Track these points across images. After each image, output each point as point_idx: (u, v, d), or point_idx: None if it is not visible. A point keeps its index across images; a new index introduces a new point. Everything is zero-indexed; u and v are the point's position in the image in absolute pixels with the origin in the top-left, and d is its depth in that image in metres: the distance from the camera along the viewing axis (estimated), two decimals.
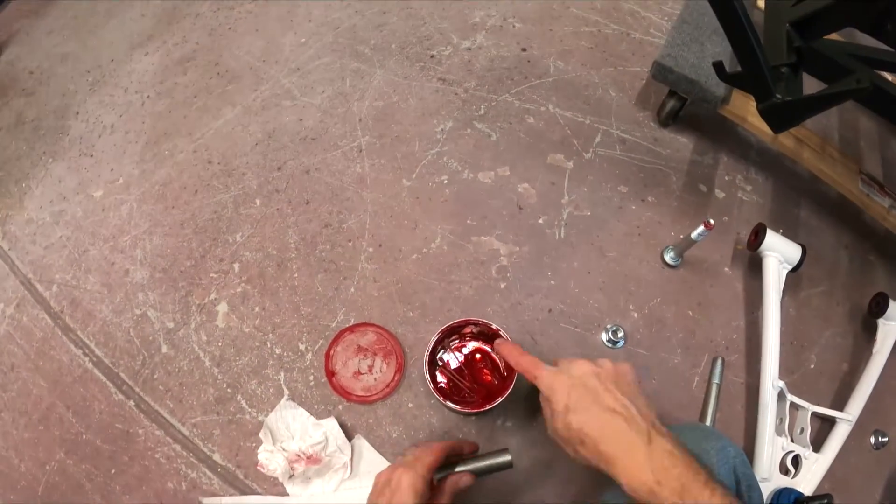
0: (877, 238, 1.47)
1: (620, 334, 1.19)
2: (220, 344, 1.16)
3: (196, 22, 1.72)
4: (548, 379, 0.69)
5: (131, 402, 1.13)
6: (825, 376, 1.26)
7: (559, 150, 1.42)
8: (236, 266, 1.24)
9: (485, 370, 1.11)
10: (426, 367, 1.04)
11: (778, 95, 1.15)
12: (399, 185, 1.33)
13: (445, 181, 1.34)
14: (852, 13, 1.09)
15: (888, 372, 1.26)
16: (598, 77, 1.59)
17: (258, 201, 1.32)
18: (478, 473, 0.85)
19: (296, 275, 1.22)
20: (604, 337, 1.20)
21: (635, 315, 1.23)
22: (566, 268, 1.26)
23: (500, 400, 1.00)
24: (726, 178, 1.47)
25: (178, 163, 1.40)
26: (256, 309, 1.19)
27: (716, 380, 1.20)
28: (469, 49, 1.60)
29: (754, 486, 0.78)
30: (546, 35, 1.66)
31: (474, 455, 0.88)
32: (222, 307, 1.20)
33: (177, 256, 1.27)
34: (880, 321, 1.30)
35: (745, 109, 1.40)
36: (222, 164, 1.38)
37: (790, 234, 1.36)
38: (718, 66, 1.19)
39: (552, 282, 1.24)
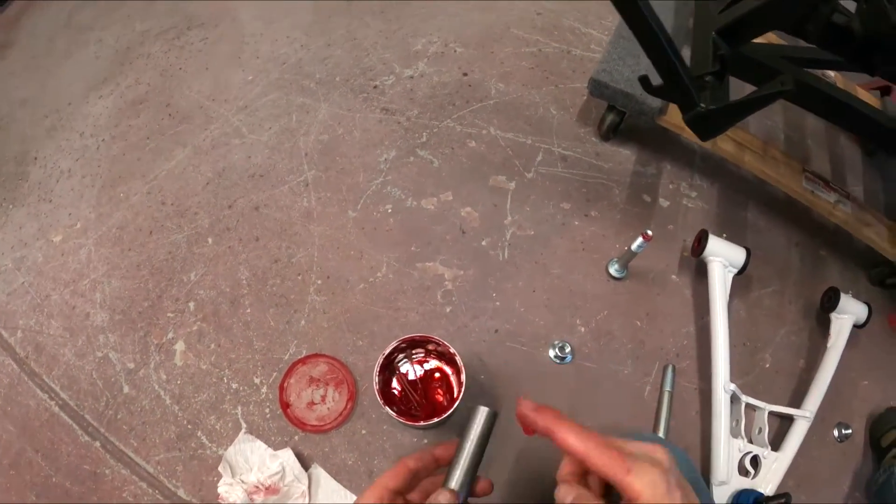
0: (827, 233, 1.50)
1: (567, 349, 1.22)
2: (178, 382, 1.19)
3: (148, 62, 1.74)
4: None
5: (97, 444, 1.15)
6: (782, 375, 1.28)
7: (501, 172, 1.46)
8: (191, 305, 1.27)
9: (439, 389, 1.14)
10: (377, 368, 1.05)
11: (702, 105, 1.17)
12: (345, 217, 1.36)
13: (390, 210, 1.37)
14: (774, 17, 1.12)
15: (847, 364, 1.28)
16: (539, 96, 1.63)
17: (210, 240, 1.34)
18: (480, 457, 0.60)
19: (248, 310, 1.25)
20: (551, 353, 1.22)
21: (582, 329, 1.26)
22: (511, 288, 1.29)
23: (435, 420, 1.02)
24: (670, 186, 1.50)
25: (133, 205, 1.42)
26: (212, 346, 1.22)
27: (667, 387, 1.21)
28: (411, 77, 1.63)
29: (701, 489, 0.77)
30: (487, 58, 1.70)
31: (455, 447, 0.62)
32: (179, 346, 1.23)
33: (134, 298, 1.29)
34: (833, 315, 1.32)
35: (680, 118, 1.44)
36: (175, 205, 1.41)
37: (738, 237, 1.40)
38: (644, 80, 1.22)
39: (497, 302, 1.27)
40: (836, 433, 1.24)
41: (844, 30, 1.04)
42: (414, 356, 1.16)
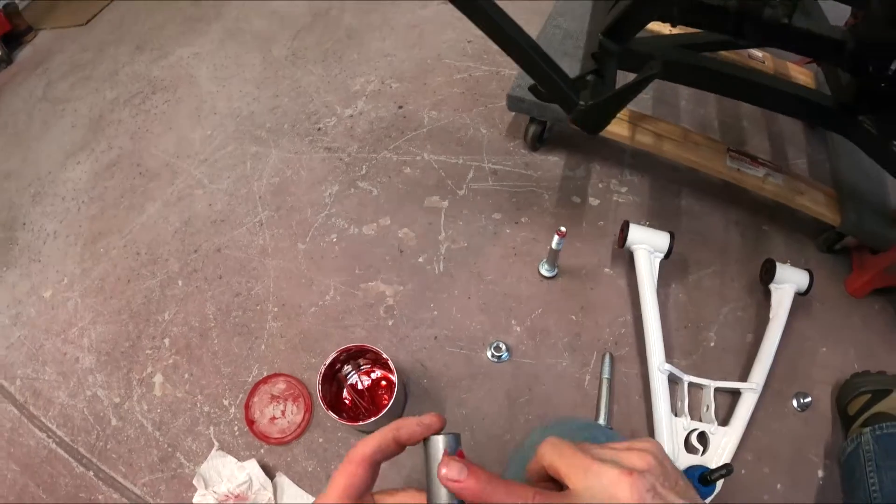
0: (769, 209, 1.53)
1: (503, 348, 1.29)
2: (158, 410, 1.32)
3: (119, 128, 1.90)
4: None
5: (91, 473, 1.28)
6: (729, 352, 1.30)
7: (435, 193, 1.58)
8: (167, 341, 1.41)
9: (385, 395, 1.26)
10: (319, 378, 1.16)
11: (581, 102, 1.25)
12: (295, 250, 1.49)
13: (335, 239, 1.50)
14: (644, 12, 1.17)
15: (803, 334, 1.33)
16: (469, 118, 1.76)
17: (180, 282, 1.48)
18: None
19: (215, 341, 1.38)
20: (488, 353, 1.30)
21: (518, 329, 1.34)
22: (447, 297, 1.40)
23: (372, 420, 1.12)
24: (600, 185, 1.60)
25: (112, 258, 1.57)
26: (186, 375, 1.35)
27: (605, 375, 1.24)
28: (351, 116, 1.78)
29: None
30: (421, 89, 1.84)
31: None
32: (158, 378, 1.36)
33: (117, 340, 1.42)
34: (772, 286, 1.33)
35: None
36: (148, 254, 1.55)
37: (673, 225, 1.47)
38: (534, 89, 1.35)
39: (435, 312, 1.38)
40: (795, 403, 1.24)
41: (718, 9, 1.13)
42: (361, 367, 1.28)
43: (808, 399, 1.23)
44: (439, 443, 0.45)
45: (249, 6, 2.30)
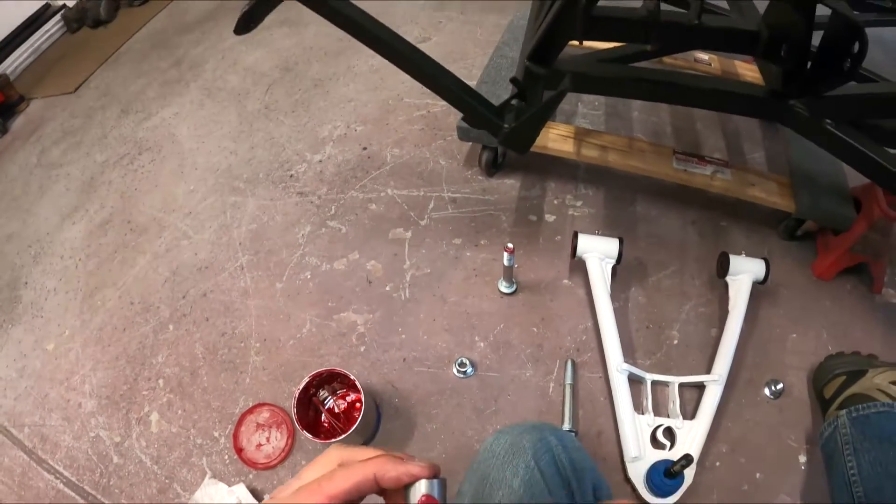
0: (726, 205, 1.57)
1: (467, 363, 1.36)
2: (156, 446, 1.41)
3: (109, 189, 2.02)
4: None
5: None
6: (693, 348, 1.33)
7: (399, 225, 1.69)
8: (161, 382, 1.51)
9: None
10: (294, 402, 1.23)
11: (505, 125, 1.32)
12: (274, 289, 1.60)
13: (309, 276, 1.61)
14: (559, 34, 1.23)
15: (771, 322, 1.36)
16: (429, 152, 1.87)
17: (171, 327, 1.59)
18: None
19: (205, 378, 1.49)
20: (454, 370, 1.38)
21: (482, 345, 1.41)
22: (413, 321, 1.49)
23: (342, 436, 1.20)
24: (555, 202, 1.69)
25: (109, 309, 1.68)
26: (179, 412, 1.45)
27: (568, 381, 1.28)
28: (320, 161, 1.90)
29: (585, 468, 0.77)
30: (383, 130, 1.96)
31: None
32: (154, 416, 1.46)
33: (116, 384, 1.52)
34: (728, 279, 1.35)
35: (544, 139, 1.60)
36: (141, 303, 1.66)
37: (630, 230, 1.54)
38: (466, 119, 1.41)
39: (403, 336, 1.47)
40: (767, 391, 1.25)
41: (623, 21, 1.19)
42: (337, 392, 1.39)
43: (781, 386, 1.24)
44: (420, 488, 0.45)
45: (224, 65, 2.44)
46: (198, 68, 2.48)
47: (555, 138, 1.62)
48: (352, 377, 1.25)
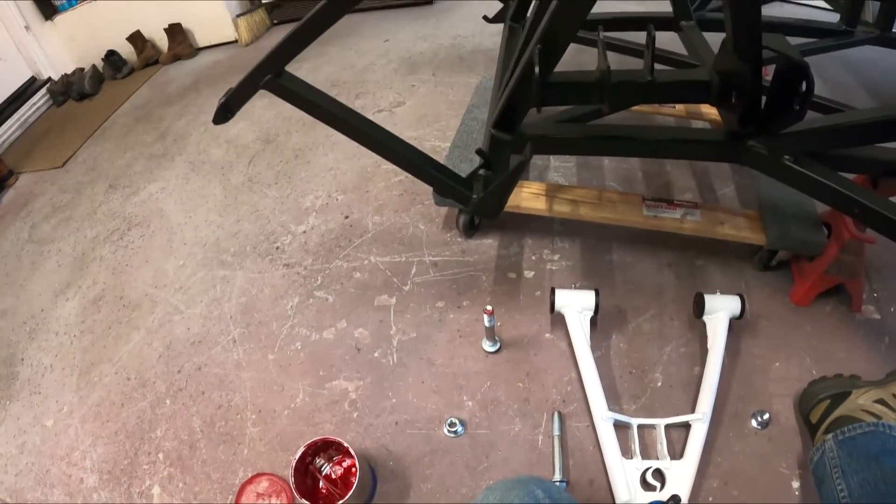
0: (700, 244, 1.58)
1: (457, 423, 1.38)
2: None
3: (101, 265, 2.06)
4: None
5: None
6: (677, 388, 1.33)
7: (383, 292, 1.74)
8: (160, 455, 1.52)
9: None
10: (291, 471, 1.26)
11: (474, 196, 1.37)
12: (266, 361, 1.63)
13: (299, 346, 1.65)
14: (516, 103, 1.26)
15: (752, 353, 1.36)
16: (408, 217, 1.92)
17: (168, 401, 1.62)
18: None
19: (203, 451, 1.51)
20: (444, 430, 1.39)
21: (470, 403, 1.40)
22: (403, 385, 1.51)
23: (340, 502, 1.22)
24: (533, 257, 1.73)
25: (106, 385, 1.69)
26: (180, 485, 1.46)
27: (556, 432, 1.27)
28: (304, 232, 1.96)
29: None
30: (363, 198, 2.02)
31: None
32: (156, 490, 1.47)
33: (116, 459, 1.53)
34: (705, 318, 1.36)
35: (517, 199, 1.65)
36: (138, 379, 1.69)
37: (607, 279, 1.57)
38: (436, 195, 1.46)
39: (394, 400, 1.49)
40: (754, 422, 1.23)
41: (578, 85, 1.24)
42: (334, 459, 1.42)
43: (767, 416, 1.23)
44: None
45: (208, 138, 2.50)
46: (182, 141, 2.54)
47: (527, 197, 1.67)
48: (345, 444, 1.28)
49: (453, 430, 1.38)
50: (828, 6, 2.27)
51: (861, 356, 1.35)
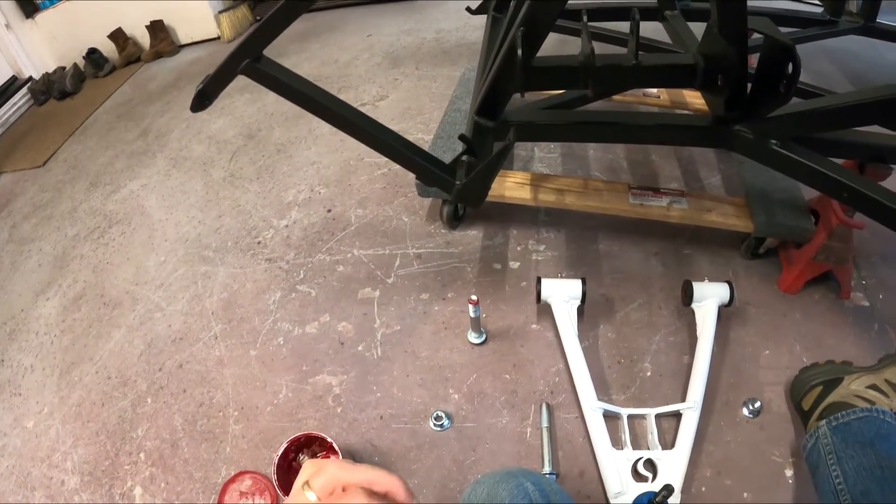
0: (688, 233, 1.56)
1: (443, 416, 1.35)
2: None
3: (82, 262, 2.00)
4: None
5: None
6: (667, 377, 1.31)
7: (367, 285, 1.69)
8: (142, 455, 1.48)
9: None
10: (273, 468, 1.23)
11: (457, 182, 1.33)
12: (248, 357, 1.59)
13: (282, 342, 1.60)
14: (504, 87, 1.25)
15: (742, 341, 1.34)
16: (392, 210, 1.88)
17: (149, 400, 1.57)
18: None
19: (186, 450, 1.46)
20: (430, 424, 1.36)
21: (456, 397, 1.40)
22: (387, 379, 1.47)
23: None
24: (518, 248, 1.69)
25: (86, 385, 1.64)
26: (163, 485, 1.41)
27: (544, 424, 1.24)
28: (287, 226, 1.91)
29: None
30: (346, 191, 1.97)
31: None
32: (138, 490, 1.42)
33: (97, 460, 1.48)
34: (694, 306, 1.34)
35: (500, 188, 1.62)
36: (118, 378, 1.63)
37: (594, 268, 1.53)
38: (419, 185, 1.42)
39: (378, 394, 1.45)
40: (745, 411, 1.22)
41: (562, 69, 1.22)
42: (318, 455, 1.38)
43: (759, 404, 1.21)
44: None
45: (189, 134, 2.44)
46: (163, 138, 2.48)
47: (511, 186, 1.64)
48: (329, 440, 1.25)
49: (439, 423, 1.34)
50: None
51: (851, 343, 1.33)
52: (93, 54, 3.56)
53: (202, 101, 1.44)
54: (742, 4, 1.09)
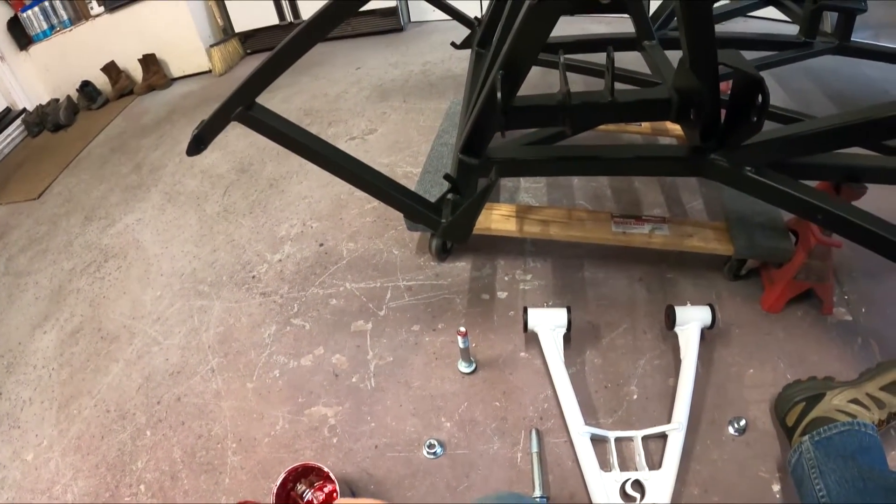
0: (670, 257, 1.58)
1: (436, 444, 1.36)
2: None
3: (78, 296, 2.02)
4: None
5: None
6: (653, 400, 1.32)
7: (359, 318, 1.73)
8: (142, 487, 1.49)
9: None
10: (272, 498, 1.24)
11: (443, 220, 1.36)
12: (245, 389, 1.61)
13: (277, 374, 1.63)
14: (486, 128, 1.27)
15: (726, 361, 1.36)
16: (382, 243, 1.92)
17: (148, 432, 1.59)
18: None
19: (185, 481, 1.47)
20: (424, 452, 1.38)
21: (448, 425, 1.38)
22: (381, 409, 1.50)
23: None
24: (506, 278, 1.72)
25: (85, 418, 1.66)
26: None
27: (534, 449, 1.26)
28: (280, 260, 1.94)
29: None
30: (337, 225, 2.01)
31: None
32: None
33: (98, 492, 1.48)
34: (677, 329, 1.36)
35: (487, 221, 1.65)
36: (117, 411, 1.65)
37: (579, 296, 1.56)
38: (407, 220, 1.44)
39: (373, 424, 1.47)
40: (731, 429, 1.23)
41: (541, 108, 1.25)
42: (315, 485, 1.41)
43: (744, 422, 1.23)
44: None
45: (183, 168, 2.48)
46: (157, 172, 2.51)
47: (497, 219, 1.67)
48: (326, 469, 1.27)
49: (432, 451, 1.37)
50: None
51: (834, 357, 1.36)
52: (86, 87, 3.59)
53: (198, 146, 1.48)
54: (710, 42, 1.13)
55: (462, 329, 1.33)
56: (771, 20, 2.86)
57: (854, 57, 2.03)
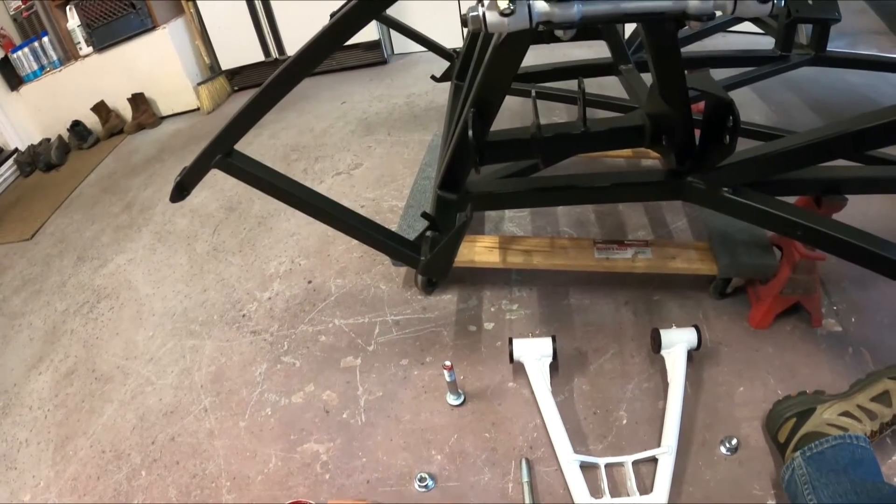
0: (655, 279, 1.57)
1: (427, 477, 1.36)
2: None
3: (72, 337, 2.01)
4: None
5: None
6: (643, 424, 1.30)
7: (348, 353, 1.73)
8: None
9: None
10: None
11: (422, 258, 1.37)
12: (238, 428, 1.61)
13: (269, 412, 1.63)
14: (462, 163, 1.28)
15: (715, 380, 1.35)
16: (369, 278, 1.93)
17: (143, 472, 1.58)
18: None
19: None
20: (415, 486, 1.37)
21: (439, 457, 1.36)
22: (372, 444, 1.49)
23: None
24: (492, 309, 1.72)
25: (81, 458, 1.64)
26: None
27: (524, 479, 1.24)
28: (269, 298, 1.95)
29: None
30: (325, 261, 2.02)
31: None
32: None
33: None
34: (663, 353, 1.34)
35: (470, 253, 1.66)
36: (112, 451, 1.64)
37: (566, 323, 1.55)
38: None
39: (364, 459, 1.47)
40: (723, 449, 1.21)
41: (514, 142, 1.26)
42: None
43: (735, 441, 1.20)
44: None
45: (173, 208, 2.48)
46: (148, 212, 2.52)
47: (480, 251, 1.68)
48: None
49: (424, 484, 1.36)
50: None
51: (825, 370, 1.35)
52: (77, 126, 3.59)
53: (181, 192, 1.49)
54: (678, 70, 1.14)
55: (447, 363, 1.33)
56: (752, 34, 2.85)
57: (831, 66, 2.04)
